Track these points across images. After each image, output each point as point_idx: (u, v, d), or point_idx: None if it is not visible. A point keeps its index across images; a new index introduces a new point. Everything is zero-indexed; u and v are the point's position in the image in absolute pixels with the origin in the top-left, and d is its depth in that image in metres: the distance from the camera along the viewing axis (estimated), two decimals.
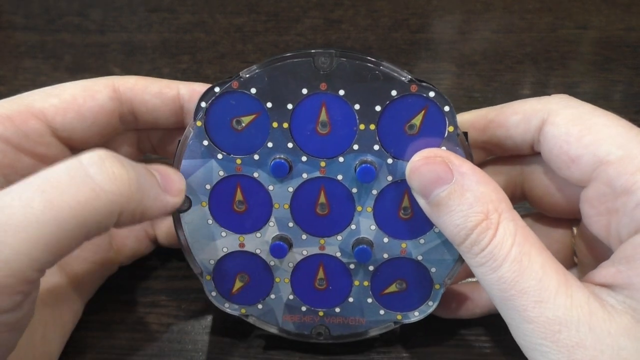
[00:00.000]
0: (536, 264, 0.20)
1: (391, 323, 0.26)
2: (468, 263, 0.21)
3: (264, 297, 0.26)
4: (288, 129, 0.23)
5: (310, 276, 0.26)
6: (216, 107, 0.23)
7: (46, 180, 0.18)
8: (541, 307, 0.19)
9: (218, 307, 0.26)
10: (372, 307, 0.26)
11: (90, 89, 0.25)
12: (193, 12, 0.55)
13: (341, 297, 0.26)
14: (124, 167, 0.20)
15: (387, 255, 0.25)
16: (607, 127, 0.21)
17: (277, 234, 0.25)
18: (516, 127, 0.24)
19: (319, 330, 0.26)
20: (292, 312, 0.26)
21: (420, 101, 0.22)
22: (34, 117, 0.24)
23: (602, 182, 0.21)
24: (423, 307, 0.26)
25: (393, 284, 0.25)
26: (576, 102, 0.23)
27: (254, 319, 0.26)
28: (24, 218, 0.17)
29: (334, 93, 0.23)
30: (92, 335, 0.28)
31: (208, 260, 0.25)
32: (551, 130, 0.22)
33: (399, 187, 0.24)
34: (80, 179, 0.18)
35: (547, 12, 0.54)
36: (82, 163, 0.19)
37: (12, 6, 0.56)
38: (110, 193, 0.19)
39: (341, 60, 0.22)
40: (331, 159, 0.24)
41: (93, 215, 0.18)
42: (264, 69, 0.22)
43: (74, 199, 0.18)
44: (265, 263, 0.25)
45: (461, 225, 0.21)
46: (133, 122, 0.27)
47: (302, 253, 0.25)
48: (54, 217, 0.18)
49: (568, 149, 0.22)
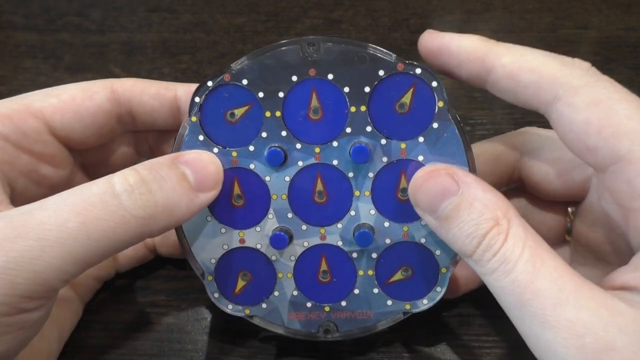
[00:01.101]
0: (550, 267, 0.19)
1: (400, 314, 0.26)
2: (480, 273, 0.21)
3: (268, 295, 0.26)
4: (281, 117, 0.23)
5: (313, 269, 0.25)
6: (210, 101, 0.23)
7: (81, 201, 0.20)
8: (561, 308, 0.18)
9: (222, 310, 0.26)
10: (379, 298, 0.25)
11: (89, 90, 0.25)
12: (193, 12, 0.55)
13: (346, 289, 0.25)
14: (152, 194, 0.21)
15: (389, 240, 0.25)
16: (629, 118, 0.20)
17: (277, 226, 0.25)
18: (525, 88, 0.22)
19: (326, 327, 0.26)
20: (297, 309, 0.26)
21: (408, 79, 0.23)
22: (33, 116, 0.24)
23: (620, 178, 0.20)
24: (431, 294, 0.25)
25: (398, 271, 0.25)
26: (595, 77, 0.21)
27: (259, 319, 0.26)
28: (60, 236, 0.19)
29: (323, 78, 0.23)
30: (91, 336, 0.28)
31: (209, 260, 0.25)
32: (568, 113, 0.21)
33: (395, 168, 0.24)
34: (112, 206, 0.20)
35: (547, 12, 0.54)
36: (114, 189, 0.20)
37: (12, 6, 0.56)
38: (140, 218, 0.20)
39: (328, 45, 0.22)
40: (325, 145, 0.24)
41: (123, 237, 0.20)
42: (254, 59, 0.23)
43: (106, 223, 0.20)
44: (267, 258, 0.25)
45: (473, 234, 0.20)
46: (131, 124, 0.27)
47: (303, 245, 0.25)
48: (87, 237, 0.19)
49: (586, 138, 0.21)
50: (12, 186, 0.24)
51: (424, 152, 0.23)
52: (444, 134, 0.23)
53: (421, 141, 0.23)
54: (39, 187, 0.25)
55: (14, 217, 0.19)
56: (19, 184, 0.24)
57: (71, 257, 0.19)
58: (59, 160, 0.26)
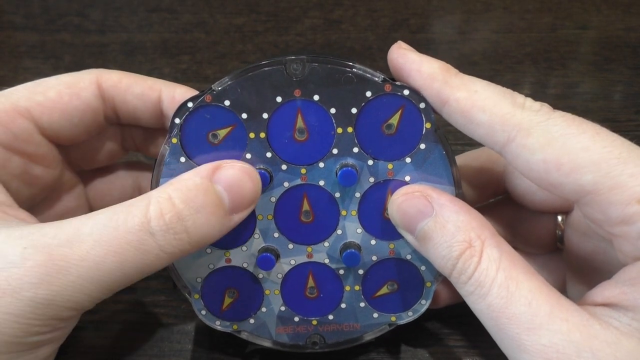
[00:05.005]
0: (524, 289, 0.19)
1: (385, 325, 0.26)
2: (460, 293, 0.21)
3: (255, 311, 0.25)
4: (265, 138, 0.23)
5: (300, 286, 0.25)
6: (190, 122, 0.23)
7: (116, 240, 0.20)
8: (535, 333, 0.18)
9: (209, 326, 0.26)
10: (365, 311, 0.26)
11: (76, 86, 0.25)
12: (193, 12, 0.55)
13: (333, 304, 0.26)
14: (187, 233, 0.21)
15: (375, 257, 0.25)
16: (586, 151, 0.19)
17: (263, 246, 0.24)
18: (477, 127, 0.21)
19: (313, 339, 0.26)
20: (285, 324, 0.26)
21: (396, 100, 0.22)
22: (21, 116, 0.24)
23: (594, 209, 0.20)
24: (416, 307, 0.25)
25: (384, 286, 0.25)
26: (546, 115, 0.20)
27: (247, 334, 0.26)
28: (97, 274, 0.20)
29: (309, 99, 0.22)
30: (91, 336, 0.28)
31: (195, 279, 0.25)
32: (524, 154, 0.20)
33: (382, 188, 0.24)
34: (148, 246, 0.20)
35: (547, 12, 0.54)
36: (150, 227, 0.20)
37: (12, 6, 0.56)
38: (171, 254, 0.21)
39: (313, 65, 0.22)
40: (311, 165, 0.23)
41: (153, 269, 0.21)
42: (237, 80, 0.22)
43: (141, 261, 0.20)
44: (254, 276, 0.25)
45: (447, 256, 0.21)
46: (115, 118, 0.26)
47: (290, 263, 0.25)
48: (122, 273, 0.20)
49: (547, 176, 0.20)
50: (6, 188, 0.24)
51: (411, 172, 0.23)
52: (430, 154, 0.23)
53: (408, 162, 0.23)
54: (31, 188, 0.25)
55: (53, 248, 0.19)
56: (12, 186, 0.24)
57: (104, 287, 0.20)
58: (50, 160, 0.25)
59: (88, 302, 0.20)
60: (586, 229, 0.24)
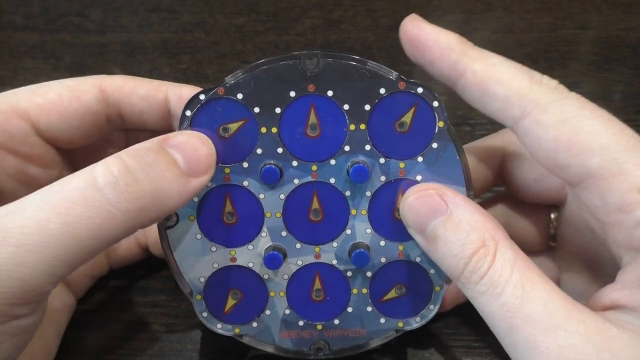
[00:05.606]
0: (541, 290, 0.19)
1: (392, 332, 0.25)
2: (469, 297, 0.21)
3: (259, 314, 0.25)
4: (277, 133, 0.23)
5: (306, 288, 0.25)
6: (202, 115, 0.22)
7: (62, 199, 0.18)
8: (552, 334, 0.18)
9: (210, 329, 0.25)
10: (372, 316, 0.25)
11: (77, 89, 0.25)
12: (193, 12, 0.55)
13: (340, 307, 0.25)
14: (139, 184, 0.19)
15: (384, 259, 0.24)
16: (597, 134, 0.20)
17: (270, 245, 0.24)
18: (493, 100, 0.21)
19: (318, 345, 0.25)
20: (289, 328, 0.25)
21: (410, 98, 0.22)
22: (18, 117, 0.24)
23: (593, 194, 0.20)
24: (424, 312, 0.25)
25: (392, 289, 0.25)
26: (562, 94, 0.21)
27: (249, 338, 0.25)
28: (42, 239, 0.18)
29: (323, 94, 0.22)
30: (91, 336, 0.28)
31: (198, 279, 0.24)
32: (536, 130, 0.20)
33: (393, 187, 0.23)
34: (97, 202, 0.18)
35: (547, 12, 0.54)
36: (97, 182, 0.19)
37: (12, 6, 0.56)
38: (128, 212, 0.19)
39: (328, 60, 0.22)
40: (322, 162, 0.23)
41: (111, 233, 0.19)
42: (250, 73, 0.22)
43: (91, 221, 0.18)
44: (259, 277, 0.25)
45: (459, 255, 0.20)
46: (121, 123, 0.26)
47: (297, 263, 0.24)
48: (72, 237, 0.18)
49: (555, 156, 0.20)
50: (0, 188, 0.24)
51: (423, 171, 0.23)
52: (443, 154, 0.23)
53: (420, 161, 0.23)
54: (28, 188, 0.25)
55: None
56: (6, 185, 0.24)
57: (57, 260, 0.18)
58: (47, 161, 0.25)
59: (39, 278, 0.18)
60: (579, 224, 0.24)
